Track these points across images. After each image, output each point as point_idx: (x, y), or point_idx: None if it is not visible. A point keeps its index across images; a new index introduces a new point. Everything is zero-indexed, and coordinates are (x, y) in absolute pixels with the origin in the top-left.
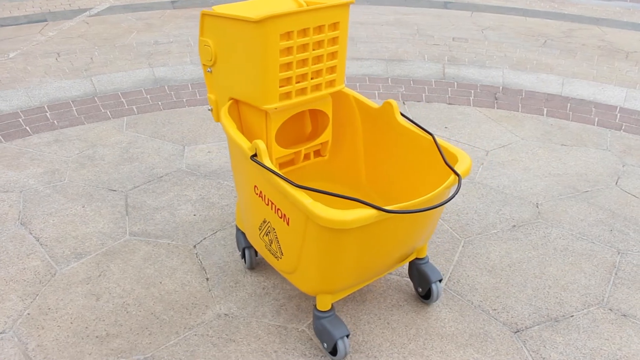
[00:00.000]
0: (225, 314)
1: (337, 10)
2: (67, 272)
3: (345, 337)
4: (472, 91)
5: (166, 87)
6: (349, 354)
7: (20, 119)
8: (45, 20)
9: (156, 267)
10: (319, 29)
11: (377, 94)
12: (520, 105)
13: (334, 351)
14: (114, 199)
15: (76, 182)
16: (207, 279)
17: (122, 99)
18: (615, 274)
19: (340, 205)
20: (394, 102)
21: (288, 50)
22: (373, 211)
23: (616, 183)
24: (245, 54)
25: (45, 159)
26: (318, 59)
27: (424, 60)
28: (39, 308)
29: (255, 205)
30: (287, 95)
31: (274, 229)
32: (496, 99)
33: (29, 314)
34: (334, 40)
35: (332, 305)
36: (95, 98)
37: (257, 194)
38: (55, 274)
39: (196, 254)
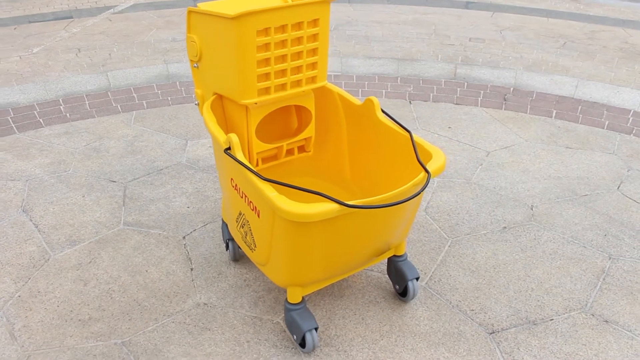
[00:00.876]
0: (205, 304)
1: (316, 7)
2: (60, 258)
3: (314, 330)
4: (482, 92)
5: (177, 83)
6: (318, 347)
7: (35, 112)
8: (71, 17)
9: (144, 256)
10: (298, 25)
11: (384, 93)
12: (529, 106)
13: (303, 343)
14: (113, 190)
15: (80, 173)
16: (192, 269)
17: (134, 94)
18: (603, 279)
19: (313, 200)
20: (375, 99)
21: (266, 46)
22: (335, 205)
23: (618, 187)
24: (224, 50)
25: (53, 150)
26: (298, 55)
27: (436, 60)
28: (29, 291)
29: (232, 198)
30: (266, 91)
31: (247, 222)
32: (505, 100)
33: (19, 296)
34: (314, 37)
35: (302, 298)
36: (108, 93)
37: (233, 186)
38: (48, 259)
39: (184, 244)
